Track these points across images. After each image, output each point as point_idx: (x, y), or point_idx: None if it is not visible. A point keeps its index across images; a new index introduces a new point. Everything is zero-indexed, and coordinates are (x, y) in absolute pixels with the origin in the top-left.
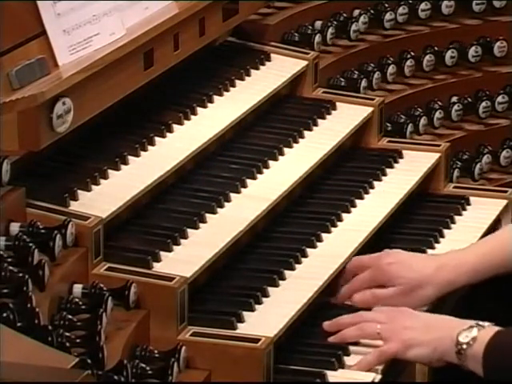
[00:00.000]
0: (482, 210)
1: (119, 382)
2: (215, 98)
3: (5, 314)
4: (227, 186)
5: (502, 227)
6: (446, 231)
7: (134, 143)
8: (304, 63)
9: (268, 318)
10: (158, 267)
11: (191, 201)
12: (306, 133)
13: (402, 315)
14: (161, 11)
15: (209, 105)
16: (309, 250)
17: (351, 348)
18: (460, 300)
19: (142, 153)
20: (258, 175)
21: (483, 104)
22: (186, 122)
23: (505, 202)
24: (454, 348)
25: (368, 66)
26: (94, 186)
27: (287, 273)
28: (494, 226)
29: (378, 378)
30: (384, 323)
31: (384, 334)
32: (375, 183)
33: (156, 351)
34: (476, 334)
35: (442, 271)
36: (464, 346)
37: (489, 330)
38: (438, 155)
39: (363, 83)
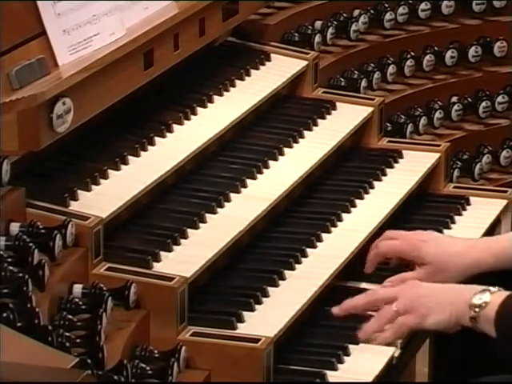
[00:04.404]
0: (482, 209)
1: (119, 382)
2: (215, 98)
3: (5, 314)
4: (227, 186)
5: None
6: (446, 231)
7: (134, 143)
8: (304, 63)
9: (268, 318)
10: (158, 267)
11: (191, 201)
12: (305, 133)
13: (413, 286)
14: (161, 11)
15: (209, 105)
16: (309, 250)
17: (351, 347)
18: None
19: (142, 153)
20: (258, 175)
21: (483, 104)
22: (185, 121)
23: (505, 201)
24: (467, 310)
25: (368, 66)
26: (94, 186)
27: (287, 273)
28: (494, 226)
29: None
30: (397, 298)
31: (401, 310)
32: (375, 183)
33: (156, 351)
34: (489, 296)
35: (472, 250)
36: (477, 309)
37: (500, 293)
38: (438, 155)
39: (363, 83)
